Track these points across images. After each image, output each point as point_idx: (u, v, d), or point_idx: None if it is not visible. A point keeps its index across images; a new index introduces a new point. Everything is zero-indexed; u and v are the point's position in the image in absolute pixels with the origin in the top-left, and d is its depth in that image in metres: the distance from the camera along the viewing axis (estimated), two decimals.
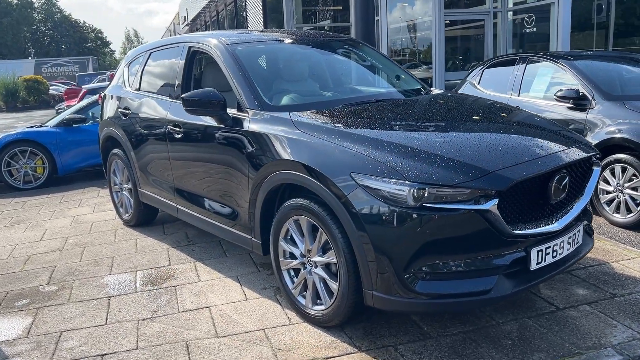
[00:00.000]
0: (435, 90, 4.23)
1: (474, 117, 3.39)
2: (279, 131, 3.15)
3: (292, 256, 3.19)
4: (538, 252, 2.73)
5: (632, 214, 4.53)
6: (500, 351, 2.76)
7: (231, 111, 3.51)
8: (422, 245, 2.54)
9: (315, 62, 4.23)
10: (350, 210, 2.67)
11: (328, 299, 2.97)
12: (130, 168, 4.88)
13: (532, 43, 11.17)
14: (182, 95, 3.53)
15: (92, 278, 4.02)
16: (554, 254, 2.81)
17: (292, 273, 3.24)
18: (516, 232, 2.62)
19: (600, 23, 12.19)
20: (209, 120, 3.65)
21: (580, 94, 5.00)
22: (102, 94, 5.58)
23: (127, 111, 4.81)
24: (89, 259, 4.43)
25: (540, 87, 5.65)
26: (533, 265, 2.73)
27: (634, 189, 4.51)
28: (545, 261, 2.78)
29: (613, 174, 4.64)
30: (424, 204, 2.51)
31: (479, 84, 6.52)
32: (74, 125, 8.05)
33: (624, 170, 4.57)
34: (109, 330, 3.20)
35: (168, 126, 4.14)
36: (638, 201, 4.50)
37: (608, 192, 4.72)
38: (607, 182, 4.70)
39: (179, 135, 4.01)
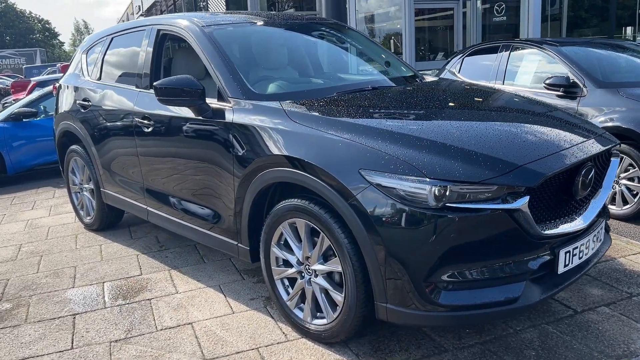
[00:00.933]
0: (430, 78, 3.93)
1: (486, 106, 3.10)
2: (269, 123, 2.78)
3: (287, 264, 2.83)
4: (566, 253, 2.46)
5: (628, 206, 4.37)
6: None
7: (211, 101, 3.11)
8: (444, 251, 2.23)
9: (301, 47, 3.85)
10: (360, 213, 2.33)
11: (331, 312, 2.62)
12: (92, 166, 4.40)
13: (501, 33, 11.08)
14: (155, 84, 3.11)
15: (53, 292, 3.54)
16: (581, 254, 2.56)
17: (287, 283, 2.88)
18: (546, 232, 2.35)
19: (554, 15, 12.29)
20: (184, 112, 3.24)
21: (571, 81, 4.81)
22: (57, 85, 5.04)
23: (86, 103, 4.32)
24: (48, 270, 3.94)
25: (527, 75, 5.44)
26: (561, 269, 2.46)
27: (631, 179, 4.35)
28: (572, 263, 2.52)
29: None
30: (447, 204, 2.20)
31: (459, 72, 6.28)
32: (23, 120, 7.39)
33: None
34: (75, 356, 2.76)
35: (135, 119, 3.69)
36: (635, 192, 4.34)
37: None
38: None
39: (149, 129, 3.57)
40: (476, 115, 2.93)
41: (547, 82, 4.92)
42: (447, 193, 2.20)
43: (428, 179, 2.20)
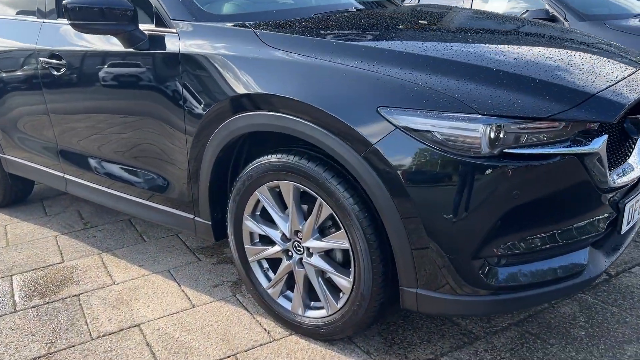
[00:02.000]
0: (406, 3, 3.27)
1: (515, 29, 2.46)
2: (234, 50, 2.02)
3: (267, 241, 2.15)
4: (630, 208, 1.95)
5: None
6: (580, 348, 1.99)
7: (146, 28, 2.29)
8: (501, 215, 1.63)
9: None
10: (379, 169, 1.67)
11: (333, 301, 1.98)
12: None
13: None
14: (64, 2, 2.23)
15: None
16: None
17: (267, 265, 2.21)
18: (617, 183, 1.81)
19: None
20: (109, 44, 2.40)
21: (550, 14, 4.34)
22: None
23: None
24: None
25: (498, 12, 4.92)
26: (624, 227, 1.95)
27: None
28: (632, 219, 2.02)
29: None
30: (504, 150, 1.59)
31: None
32: None
33: None
34: None
35: (40, 59, 2.78)
36: None
37: None
38: None
39: (61, 72, 2.68)
40: (510, 38, 2.28)
41: (524, 16, 4.42)
42: (502, 135, 1.59)
43: (480, 116, 1.57)
